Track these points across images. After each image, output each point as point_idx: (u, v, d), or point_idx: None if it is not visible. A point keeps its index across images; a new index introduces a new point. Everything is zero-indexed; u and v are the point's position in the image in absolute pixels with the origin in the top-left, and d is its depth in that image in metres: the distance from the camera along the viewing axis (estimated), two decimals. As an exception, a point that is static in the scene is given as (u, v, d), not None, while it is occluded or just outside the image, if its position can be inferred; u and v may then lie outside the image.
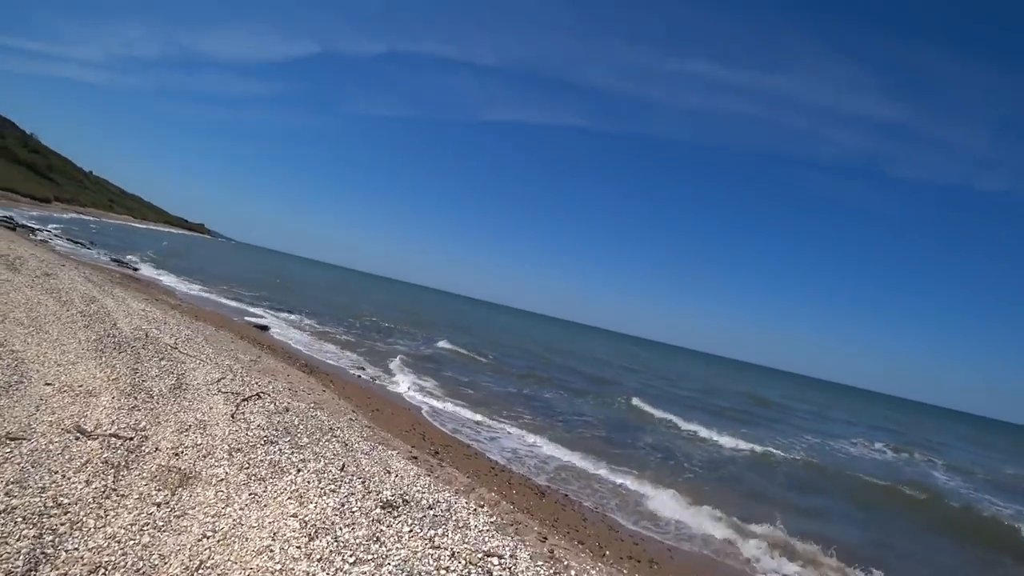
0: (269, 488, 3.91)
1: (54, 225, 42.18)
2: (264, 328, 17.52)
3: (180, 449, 4.20)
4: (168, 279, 24.82)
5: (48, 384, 5.15)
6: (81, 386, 5.26)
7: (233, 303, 22.49)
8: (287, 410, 5.89)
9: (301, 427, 5.42)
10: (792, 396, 50.83)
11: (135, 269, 25.19)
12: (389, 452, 5.72)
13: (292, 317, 22.69)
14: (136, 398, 5.09)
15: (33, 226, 33.83)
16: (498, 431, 10.71)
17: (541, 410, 13.91)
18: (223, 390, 5.97)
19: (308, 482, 4.15)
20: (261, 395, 6.14)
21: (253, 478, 4.01)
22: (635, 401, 17.99)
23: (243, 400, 5.75)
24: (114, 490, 3.43)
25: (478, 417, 11.44)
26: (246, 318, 18.84)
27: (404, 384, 13.25)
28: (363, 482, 4.45)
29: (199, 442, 4.41)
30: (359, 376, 13.19)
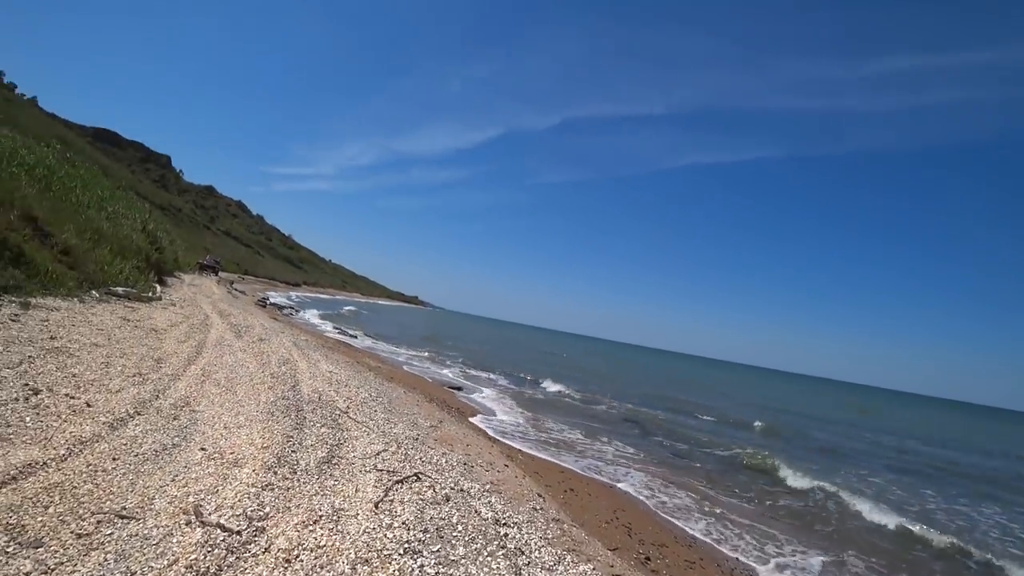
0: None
1: (296, 299, 50.12)
2: (457, 388, 17.35)
3: (295, 552, 3.09)
4: (373, 343, 26.92)
5: (203, 449, 4.61)
6: (232, 454, 4.64)
7: (431, 365, 23.26)
8: (448, 499, 4.59)
9: (460, 527, 4.04)
10: None
11: (351, 336, 27.92)
12: (581, 568, 4.04)
13: (488, 377, 22.67)
14: (276, 473, 4.26)
15: (280, 303, 40.34)
16: (729, 518, 8.24)
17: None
18: (379, 467, 4.96)
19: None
20: (420, 476, 4.98)
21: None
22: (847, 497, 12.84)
23: (398, 482, 4.62)
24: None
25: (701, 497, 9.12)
26: (441, 378, 19.01)
27: (609, 453, 11.48)
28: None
29: (323, 542, 3.26)
30: (552, 442, 11.78)
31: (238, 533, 3.14)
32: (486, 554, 3.68)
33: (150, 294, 14.42)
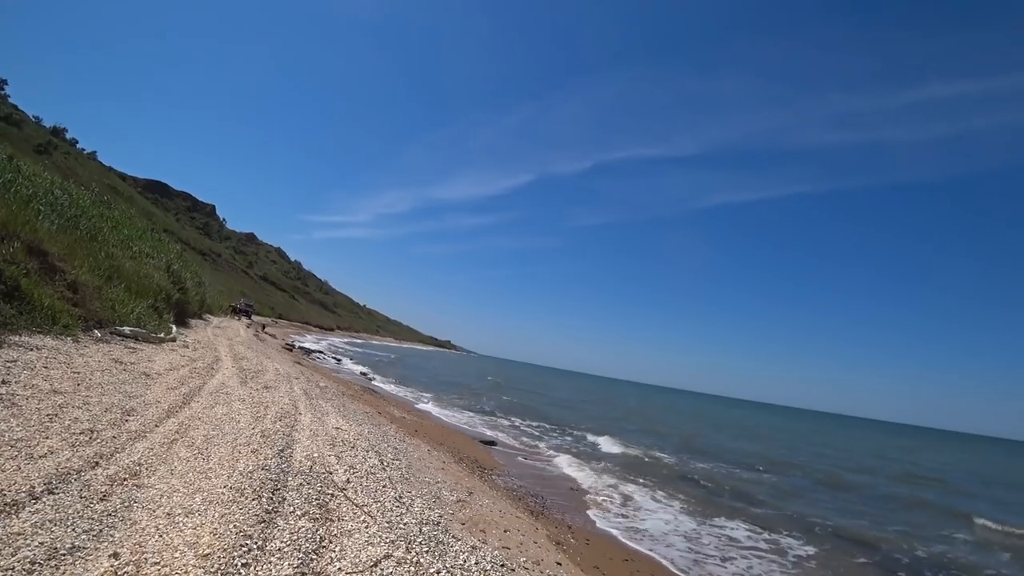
0: None
1: (327, 344, 49.34)
2: (491, 443, 15.55)
3: None
4: (401, 389, 25.39)
5: (113, 557, 3.08)
6: (157, 563, 3.10)
7: (460, 413, 21.52)
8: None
9: None
10: None
11: (379, 381, 26.51)
12: None
13: (532, 430, 20.70)
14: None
15: (310, 348, 39.47)
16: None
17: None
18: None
19: None
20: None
21: None
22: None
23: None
24: None
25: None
26: (473, 431, 17.24)
27: (662, 524, 9.42)
28: None
29: None
30: (609, 509, 9.86)
31: None
32: None
33: (162, 335, 13.35)
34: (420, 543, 4.28)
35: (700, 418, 51.56)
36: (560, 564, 5.61)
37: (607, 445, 19.05)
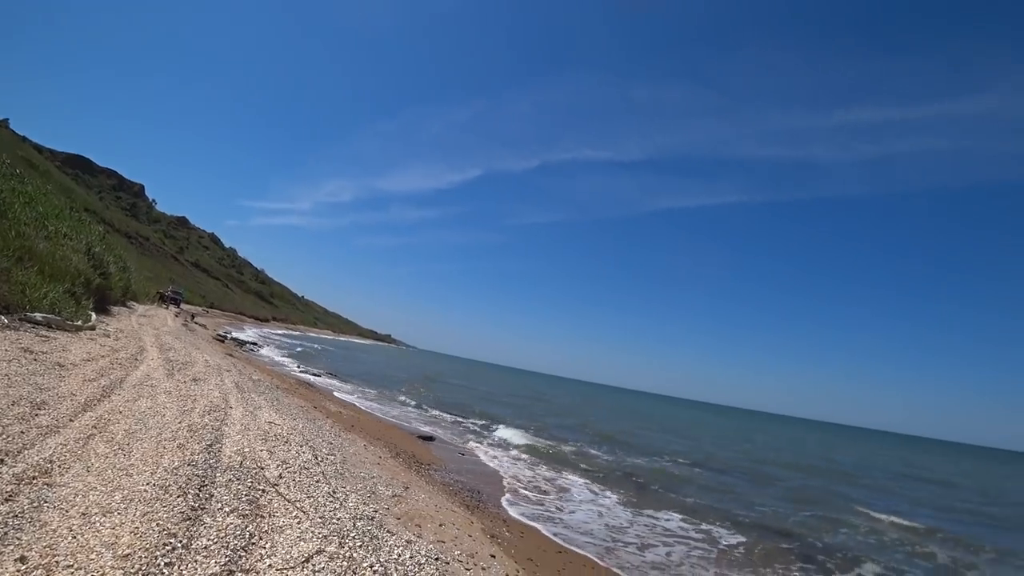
0: None
1: (263, 335, 47.57)
2: (429, 439, 15.49)
3: None
4: (339, 383, 24.84)
5: (20, 561, 2.92)
6: (71, 566, 2.95)
7: (397, 408, 21.31)
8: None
9: None
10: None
11: (315, 375, 25.81)
12: None
13: (463, 421, 20.71)
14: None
15: (244, 339, 37.94)
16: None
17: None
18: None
19: None
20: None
21: None
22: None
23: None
24: None
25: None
26: (411, 426, 17.12)
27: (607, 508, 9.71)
28: None
29: None
30: (548, 506, 10.06)
31: None
32: None
33: (80, 322, 12.50)
34: (354, 538, 4.25)
35: (636, 416, 53.00)
36: (494, 557, 5.71)
37: (520, 438, 19.05)
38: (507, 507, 9.73)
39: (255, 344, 36.21)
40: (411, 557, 4.42)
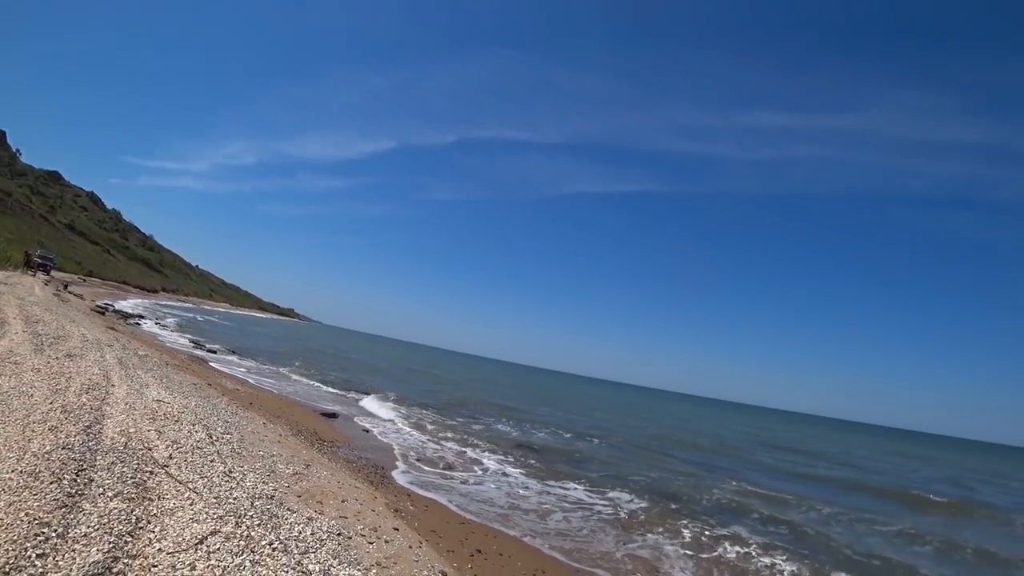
0: None
1: (150, 307, 43.86)
2: (332, 416, 15.17)
3: None
4: (236, 360, 23.60)
5: None
6: (-77, 561, 2.71)
7: (297, 385, 20.62)
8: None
9: None
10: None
11: (209, 351, 24.29)
12: None
13: (372, 401, 20.39)
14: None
15: (127, 311, 34.83)
16: None
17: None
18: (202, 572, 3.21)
19: None
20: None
21: None
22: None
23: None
24: None
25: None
26: (314, 404, 16.66)
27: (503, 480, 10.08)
28: None
29: None
30: (453, 479, 10.28)
31: None
32: None
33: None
34: (252, 517, 4.19)
35: (545, 395, 54.60)
36: (397, 530, 5.83)
37: (424, 414, 19.37)
38: (410, 482, 9.86)
39: (141, 317, 33.34)
40: (312, 533, 4.43)
